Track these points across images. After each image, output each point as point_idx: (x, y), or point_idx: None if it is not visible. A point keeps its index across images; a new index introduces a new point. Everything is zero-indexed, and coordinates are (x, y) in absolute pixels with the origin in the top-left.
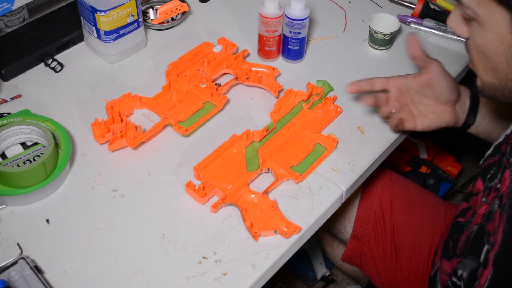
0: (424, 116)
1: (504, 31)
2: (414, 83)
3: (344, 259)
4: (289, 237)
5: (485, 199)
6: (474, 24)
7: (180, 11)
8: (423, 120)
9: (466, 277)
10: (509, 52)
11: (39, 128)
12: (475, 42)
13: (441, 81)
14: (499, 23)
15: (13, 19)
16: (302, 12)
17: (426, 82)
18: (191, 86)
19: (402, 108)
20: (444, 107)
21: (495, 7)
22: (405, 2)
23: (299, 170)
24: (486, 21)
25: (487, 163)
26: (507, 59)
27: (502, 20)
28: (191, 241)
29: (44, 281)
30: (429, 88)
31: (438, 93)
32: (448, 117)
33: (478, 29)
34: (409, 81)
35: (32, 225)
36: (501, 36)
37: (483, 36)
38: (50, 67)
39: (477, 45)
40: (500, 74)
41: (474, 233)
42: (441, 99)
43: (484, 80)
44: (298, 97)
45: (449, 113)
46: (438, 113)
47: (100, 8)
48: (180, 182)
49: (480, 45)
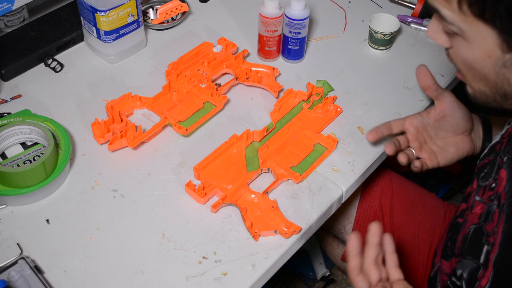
0: (444, 151)
1: (492, 45)
2: (430, 118)
3: (344, 259)
4: (289, 237)
5: (480, 198)
6: (457, 37)
7: (180, 11)
8: (444, 155)
9: (467, 277)
10: (497, 65)
11: (39, 128)
12: (460, 55)
13: (456, 110)
14: (486, 38)
15: (13, 19)
16: (302, 12)
17: (441, 115)
18: (191, 86)
19: (421, 147)
20: (462, 137)
21: (481, 24)
22: (405, 2)
23: (299, 170)
24: (471, 37)
25: (482, 163)
26: (496, 71)
27: (488, 37)
28: (191, 241)
29: (44, 281)
30: (445, 120)
31: (455, 123)
32: (467, 146)
33: (462, 43)
34: (424, 118)
35: (32, 225)
36: (489, 51)
37: (470, 51)
38: (50, 67)
39: (463, 58)
40: (490, 83)
41: (471, 233)
42: (458, 130)
43: (475, 88)
44: (298, 97)
45: (467, 143)
46: (457, 144)
47: (100, 8)
48: (180, 182)
49: (466, 59)
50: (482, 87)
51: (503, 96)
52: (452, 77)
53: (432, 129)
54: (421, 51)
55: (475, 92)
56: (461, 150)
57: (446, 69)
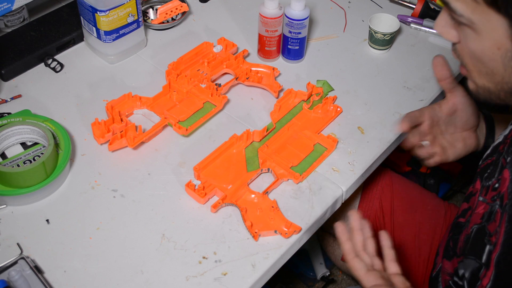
0: (453, 146)
1: (502, 37)
2: (442, 111)
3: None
4: (289, 237)
5: (483, 198)
6: (466, 30)
7: (180, 11)
8: (453, 150)
9: (469, 277)
10: (506, 57)
11: (39, 128)
12: (468, 48)
13: (467, 105)
14: (496, 29)
15: (13, 19)
16: (302, 12)
17: (453, 109)
18: (191, 86)
19: (435, 140)
20: (469, 133)
21: (492, 14)
22: (405, 2)
23: (299, 170)
24: (482, 28)
25: (485, 163)
26: (504, 64)
27: (499, 27)
28: (191, 241)
29: (44, 281)
30: (456, 115)
31: (465, 119)
32: (473, 142)
33: (472, 35)
34: (436, 111)
35: (32, 225)
36: (498, 42)
37: (478, 43)
38: (50, 67)
39: (471, 51)
40: (496, 78)
41: (474, 233)
42: (467, 125)
43: (478, 84)
44: (298, 97)
45: (473, 139)
46: (464, 140)
47: (100, 8)
48: (180, 182)
49: (475, 51)
50: (486, 83)
51: (508, 92)
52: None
53: (443, 123)
54: (421, 51)
55: (478, 88)
56: (468, 146)
57: None
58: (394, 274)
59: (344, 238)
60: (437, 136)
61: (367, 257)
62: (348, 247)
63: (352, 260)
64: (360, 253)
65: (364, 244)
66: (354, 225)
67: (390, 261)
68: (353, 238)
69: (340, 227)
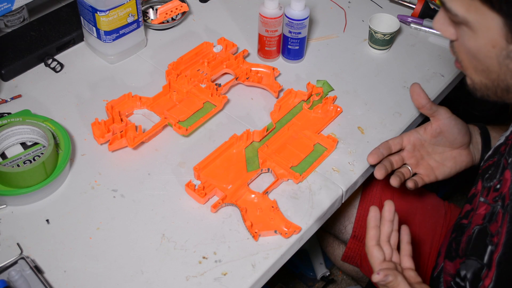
0: (442, 165)
1: (496, 35)
2: (427, 134)
3: (344, 259)
4: (289, 237)
5: (484, 199)
6: (463, 28)
7: (180, 11)
8: (442, 169)
9: (471, 278)
10: (501, 55)
11: (39, 128)
12: (464, 45)
13: (452, 126)
14: (491, 27)
15: (13, 19)
16: (302, 12)
17: (437, 131)
18: (191, 86)
19: (418, 163)
20: (460, 151)
21: (487, 12)
22: (405, 2)
23: (299, 170)
24: (476, 26)
25: (487, 164)
26: (499, 61)
27: (494, 25)
28: (191, 241)
29: (44, 281)
30: (441, 136)
31: (452, 139)
32: (465, 160)
33: (468, 33)
34: (421, 134)
35: (32, 225)
36: (493, 41)
37: (474, 41)
38: (50, 67)
39: (467, 48)
40: (492, 75)
41: (475, 234)
42: (455, 144)
43: (475, 81)
44: (298, 97)
45: (465, 156)
46: (455, 158)
47: (100, 8)
48: (180, 182)
49: (471, 49)
50: (483, 80)
51: (504, 89)
52: (452, 77)
53: (429, 145)
54: (421, 51)
55: (474, 84)
56: (459, 164)
57: (446, 69)
58: (408, 269)
59: (373, 224)
60: (424, 157)
61: (388, 248)
62: (373, 233)
63: (372, 247)
64: (383, 242)
65: (388, 236)
66: (386, 215)
67: (405, 256)
68: (382, 227)
69: (374, 211)
